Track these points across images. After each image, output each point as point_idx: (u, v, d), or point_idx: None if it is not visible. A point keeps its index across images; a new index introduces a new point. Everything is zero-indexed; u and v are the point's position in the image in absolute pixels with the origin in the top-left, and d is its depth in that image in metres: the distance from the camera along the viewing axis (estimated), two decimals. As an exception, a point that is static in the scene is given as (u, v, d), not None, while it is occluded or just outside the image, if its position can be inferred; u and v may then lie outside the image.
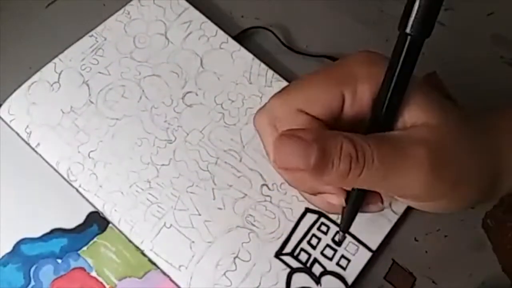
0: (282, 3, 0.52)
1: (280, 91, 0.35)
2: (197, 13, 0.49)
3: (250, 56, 0.48)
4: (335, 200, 0.35)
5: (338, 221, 0.42)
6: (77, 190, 0.43)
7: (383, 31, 0.51)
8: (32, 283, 0.40)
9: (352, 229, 0.42)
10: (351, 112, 0.33)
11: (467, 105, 0.44)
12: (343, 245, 0.42)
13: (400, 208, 0.43)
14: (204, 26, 0.49)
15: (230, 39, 0.48)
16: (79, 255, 0.41)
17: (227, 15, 0.52)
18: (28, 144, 0.44)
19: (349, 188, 0.35)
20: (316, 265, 0.42)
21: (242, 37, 0.50)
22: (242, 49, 0.48)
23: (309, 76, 0.35)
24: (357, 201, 0.35)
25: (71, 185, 0.43)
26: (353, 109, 0.33)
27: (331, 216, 0.43)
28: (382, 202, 0.37)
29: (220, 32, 0.49)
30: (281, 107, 0.34)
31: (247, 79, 0.47)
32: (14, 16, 0.50)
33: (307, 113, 0.33)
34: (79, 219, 0.43)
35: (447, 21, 0.51)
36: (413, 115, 0.32)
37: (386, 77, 0.31)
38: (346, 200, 0.35)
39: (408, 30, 0.29)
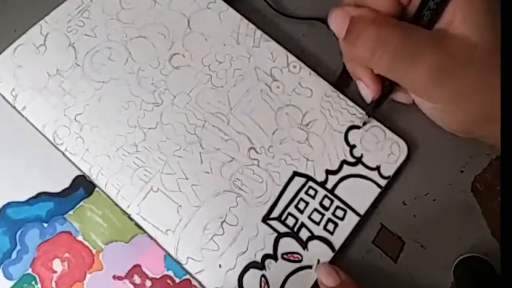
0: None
1: None
2: (184, -27, 0.48)
3: (238, 16, 0.47)
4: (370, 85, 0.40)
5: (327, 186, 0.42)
6: (63, 154, 0.43)
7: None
8: (18, 247, 0.41)
9: (339, 193, 0.42)
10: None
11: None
12: (330, 209, 0.42)
13: (388, 172, 0.42)
14: (191, -14, 0.48)
15: (218, -1, 0.47)
16: (65, 219, 0.41)
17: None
18: (14, 107, 0.43)
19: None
20: (303, 230, 0.41)
21: (230, -1, 0.48)
22: (230, 9, 0.47)
23: None
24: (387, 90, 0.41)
25: (57, 148, 0.43)
26: None
27: (317, 178, 0.42)
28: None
29: (208, -9, 0.48)
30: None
31: (235, 40, 0.46)
32: (-2, -23, 0.49)
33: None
34: (65, 183, 0.42)
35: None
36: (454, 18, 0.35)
37: None
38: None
39: None
